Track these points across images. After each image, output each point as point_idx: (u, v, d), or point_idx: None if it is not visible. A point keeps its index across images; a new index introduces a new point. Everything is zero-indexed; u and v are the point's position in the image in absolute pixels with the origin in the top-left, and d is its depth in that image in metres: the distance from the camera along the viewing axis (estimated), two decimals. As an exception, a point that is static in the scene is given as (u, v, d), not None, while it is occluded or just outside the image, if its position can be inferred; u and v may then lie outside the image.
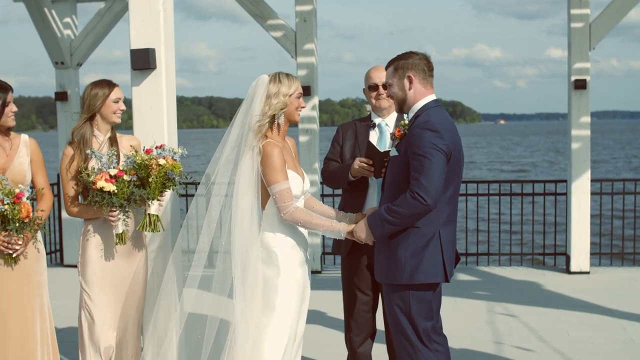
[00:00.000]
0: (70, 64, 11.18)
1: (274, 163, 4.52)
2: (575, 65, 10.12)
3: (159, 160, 4.95)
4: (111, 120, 5.22)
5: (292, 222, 4.58)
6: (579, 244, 10.29)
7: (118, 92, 5.22)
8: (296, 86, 4.68)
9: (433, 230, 4.48)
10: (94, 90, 5.18)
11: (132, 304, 5.27)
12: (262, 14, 10.55)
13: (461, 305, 8.76)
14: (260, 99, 4.62)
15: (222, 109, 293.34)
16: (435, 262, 4.52)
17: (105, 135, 5.24)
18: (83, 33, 11.17)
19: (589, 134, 10.21)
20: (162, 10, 5.47)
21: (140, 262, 5.32)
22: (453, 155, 4.46)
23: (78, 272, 5.23)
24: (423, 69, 4.61)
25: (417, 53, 4.67)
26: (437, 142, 4.36)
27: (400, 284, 4.53)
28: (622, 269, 10.76)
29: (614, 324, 7.84)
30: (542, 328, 7.71)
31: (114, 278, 5.19)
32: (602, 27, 10.01)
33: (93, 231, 5.17)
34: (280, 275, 4.60)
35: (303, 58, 10.47)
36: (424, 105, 4.59)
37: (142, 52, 5.43)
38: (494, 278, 10.30)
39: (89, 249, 5.16)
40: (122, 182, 4.92)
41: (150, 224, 5.07)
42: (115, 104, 5.19)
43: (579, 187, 10.24)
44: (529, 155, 68.40)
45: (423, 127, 4.42)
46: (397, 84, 4.63)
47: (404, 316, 4.59)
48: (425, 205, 4.31)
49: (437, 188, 4.32)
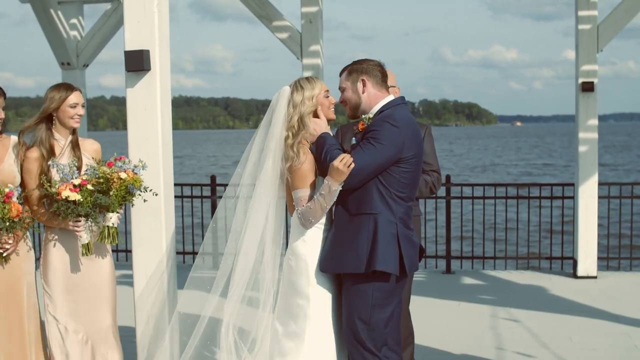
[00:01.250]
0: (77, 65, 11.17)
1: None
2: (583, 67, 10.03)
3: (120, 174, 4.92)
4: (68, 125, 5.15)
5: (306, 218, 4.53)
6: (586, 248, 10.18)
7: (77, 96, 5.16)
8: (320, 86, 4.70)
9: (392, 220, 4.50)
10: (52, 93, 5.14)
11: (99, 309, 5.21)
12: (267, 15, 10.51)
13: (465, 309, 8.69)
14: (284, 111, 4.64)
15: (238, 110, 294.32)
16: (392, 252, 4.48)
17: (67, 139, 5.19)
18: (89, 34, 11.16)
19: (596, 137, 10.11)
20: (157, 11, 5.43)
21: (106, 264, 5.26)
22: (411, 155, 4.50)
23: (40, 275, 5.20)
24: (376, 74, 4.68)
25: (372, 60, 4.73)
26: (393, 137, 4.43)
27: (360, 275, 4.50)
28: (630, 274, 10.66)
29: (618, 330, 7.75)
30: (545, 333, 7.62)
31: (77, 280, 5.15)
32: (610, 29, 9.91)
33: (55, 236, 5.14)
34: (310, 284, 4.59)
35: (309, 59, 10.41)
36: (390, 102, 4.65)
37: (136, 54, 5.39)
38: (499, 282, 10.21)
39: (51, 252, 5.13)
40: (86, 191, 4.89)
41: (109, 235, 5.03)
42: (72, 109, 5.13)
43: (587, 190, 10.13)
44: (546, 157, 68.12)
45: (385, 120, 4.50)
46: (351, 87, 4.69)
47: (362, 323, 4.53)
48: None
49: (360, 170, 4.39)
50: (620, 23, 9.87)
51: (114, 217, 5.03)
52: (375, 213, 4.48)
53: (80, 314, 5.15)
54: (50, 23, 10.77)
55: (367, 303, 4.51)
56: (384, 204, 4.49)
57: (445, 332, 7.71)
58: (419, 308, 5.74)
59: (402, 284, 4.64)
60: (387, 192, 4.49)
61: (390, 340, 4.63)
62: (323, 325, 4.62)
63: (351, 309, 4.56)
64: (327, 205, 4.49)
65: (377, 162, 4.43)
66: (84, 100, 5.27)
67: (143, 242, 5.46)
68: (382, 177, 4.49)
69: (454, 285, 10.03)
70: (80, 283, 5.16)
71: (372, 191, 4.50)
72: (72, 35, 11.14)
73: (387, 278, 4.52)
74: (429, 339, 7.24)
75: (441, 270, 10.90)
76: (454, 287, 9.90)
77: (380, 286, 4.52)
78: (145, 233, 5.45)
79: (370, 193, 4.50)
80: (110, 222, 5.03)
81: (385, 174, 4.48)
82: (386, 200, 4.49)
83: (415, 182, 4.67)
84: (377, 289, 4.52)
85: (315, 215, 4.51)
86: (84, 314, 5.16)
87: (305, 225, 4.55)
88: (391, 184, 4.50)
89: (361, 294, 4.52)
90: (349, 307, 4.58)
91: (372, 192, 4.50)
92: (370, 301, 4.51)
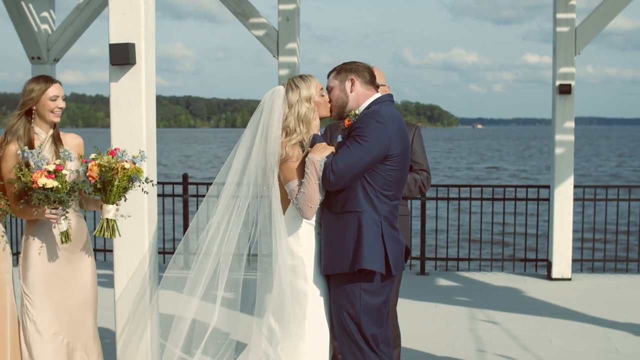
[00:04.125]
0: (47, 59, 10.93)
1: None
2: (560, 69, 10.04)
3: (124, 164, 4.75)
4: (48, 119, 4.99)
5: (304, 205, 4.46)
6: (561, 250, 10.20)
7: (56, 89, 5.00)
8: (315, 85, 4.66)
9: (377, 219, 4.49)
10: (30, 86, 4.97)
11: (80, 309, 5.06)
12: (244, 12, 10.39)
13: (442, 311, 8.65)
14: (279, 111, 4.58)
15: (199, 109, 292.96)
16: (377, 251, 4.47)
17: (47, 133, 5.02)
18: (60, 28, 10.92)
19: (572, 139, 10.13)
20: (143, 4, 5.27)
21: (87, 266, 5.12)
22: (397, 152, 4.49)
23: (19, 275, 5.02)
24: (365, 74, 4.70)
25: (361, 62, 4.76)
26: (379, 134, 4.43)
27: (346, 274, 4.48)
28: (604, 276, 10.69)
29: (598, 332, 7.75)
30: (524, 336, 7.60)
31: (58, 282, 4.97)
32: (588, 32, 9.94)
33: (34, 235, 4.96)
34: (308, 282, 4.57)
35: (285, 57, 10.31)
36: (376, 99, 4.65)
37: (121, 47, 5.23)
38: (474, 284, 10.18)
39: (31, 253, 4.95)
40: (61, 176, 4.70)
41: (108, 228, 4.86)
42: (53, 102, 4.96)
43: (562, 192, 10.16)
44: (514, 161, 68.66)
45: (370, 117, 4.49)
46: (339, 86, 4.70)
47: (352, 322, 4.53)
48: (329, 181, 4.40)
49: (348, 170, 4.38)
50: (598, 26, 9.90)
51: (112, 209, 4.84)
52: (360, 211, 4.46)
53: (61, 315, 4.98)
54: (21, 16, 10.54)
55: (355, 302, 4.50)
56: (368, 202, 4.47)
57: (425, 334, 7.65)
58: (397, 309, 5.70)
59: (388, 283, 4.61)
60: (372, 190, 4.47)
61: (380, 338, 4.61)
62: (321, 323, 4.60)
63: (340, 308, 4.55)
64: (317, 182, 4.43)
65: (365, 161, 4.41)
66: (64, 93, 5.10)
67: (125, 242, 5.30)
68: (368, 174, 4.46)
69: (429, 287, 9.98)
70: (62, 284, 4.99)
71: (358, 189, 4.47)
72: (42, 29, 10.91)
73: (372, 277, 4.50)
74: (410, 341, 7.16)
75: (415, 272, 10.86)
76: (429, 289, 9.85)
77: (366, 285, 4.51)
78: (128, 232, 5.29)
79: (355, 191, 4.47)
80: (110, 215, 4.84)
81: (371, 172, 4.46)
82: (371, 198, 4.47)
83: (402, 181, 4.63)
84: (363, 288, 4.50)
85: (312, 198, 4.44)
86: (64, 316, 5.00)
87: (306, 213, 4.48)
88: (377, 182, 4.48)
89: (348, 293, 4.51)
90: (337, 306, 4.56)
91: (357, 190, 4.47)
92: (358, 300, 4.50)
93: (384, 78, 5.44)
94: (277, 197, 4.56)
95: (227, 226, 4.72)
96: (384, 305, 4.61)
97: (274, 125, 4.57)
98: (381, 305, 4.58)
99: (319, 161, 4.42)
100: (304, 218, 4.52)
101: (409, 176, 5.40)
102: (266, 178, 4.60)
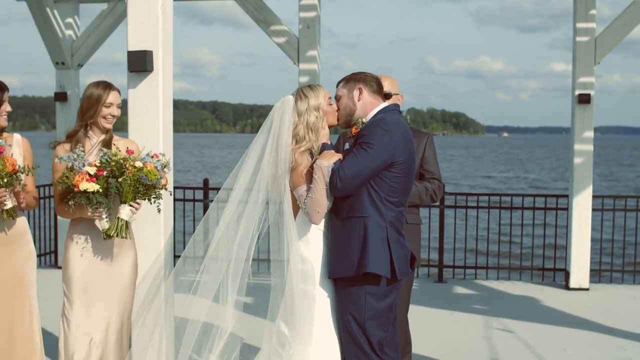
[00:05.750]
0: (71, 64, 11.11)
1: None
2: (580, 79, 10.03)
3: (136, 163, 4.79)
4: (100, 124, 5.06)
5: (312, 210, 4.55)
6: (579, 260, 10.17)
7: (113, 96, 5.06)
8: (323, 94, 4.77)
9: (382, 224, 4.56)
10: (90, 90, 5.05)
11: (116, 310, 5.12)
12: (265, 20, 10.48)
13: (457, 319, 8.66)
14: (289, 120, 4.69)
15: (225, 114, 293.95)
16: (382, 255, 4.54)
17: (99, 137, 5.09)
18: (85, 34, 11.11)
19: (591, 149, 10.11)
20: (161, 12, 5.38)
21: (126, 267, 5.15)
22: (403, 160, 4.58)
23: (62, 274, 5.13)
24: (372, 84, 4.79)
25: (369, 73, 4.87)
26: (384, 141, 4.52)
27: (352, 278, 4.55)
28: (622, 287, 10.64)
29: (612, 342, 7.73)
30: (539, 345, 7.60)
31: (96, 283, 5.04)
32: (608, 41, 9.92)
33: (77, 234, 5.03)
34: (316, 286, 4.66)
35: (305, 65, 10.39)
36: (383, 108, 4.75)
37: (139, 54, 5.34)
38: (491, 292, 10.19)
39: (71, 253, 5.03)
40: (102, 179, 4.78)
41: (117, 227, 4.87)
42: (107, 109, 5.04)
43: (580, 202, 10.13)
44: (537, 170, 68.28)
45: (377, 125, 4.59)
46: (347, 95, 4.80)
47: (357, 325, 4.59)
48: (336, 187, 4.49)
49: (354, 177, 4.47)
50: (618, 36, 9.89)
51: (126, 209, 4.86)
52: (365, 216, 4.55)
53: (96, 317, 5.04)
54: (46, 22, 10.73)
55: (360, 305, 4.56)
56: (374, 207, 4.56)
57: (440, 342, 7.68)
58: (412, 317, 5.73)
59: (394, 288, 4.67)
60: (377, 196, 4.56)
61: (386, 342, 4.66)
62: (329, 328, 4.67)
63: (345, 312, 4.61)
64: (324, 187, 4.52)
65: (371, 168, 4.50)
66: (120, 101, 5.14)
67: (141, 246, 5.38)
68: (374, 181, 4.56)
69: (447, 295, 10.00)
70: (101, 286, 5.05)
71: (363, 195, 4.56)
72: (67, 35, 11.08)
73: (377, 281, 4.57)
74: (424, 349, 7.20)
75: (433, 279, 10.88)
76: (446, 296, 9.87)
77: (372, 289, 4.57)
78: (144, 236, 5.38)
79: (361, 197, 4.56)
80: (123, 215, 4.86)
81: (376, 178, 4.55)
82: (376, 204, 4.56)
83: (407, 187, 4.71)
84: (369, 291, 4.57)
85: (319, 203, 4.54)
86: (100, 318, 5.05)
87: (314, 218, 4.57)
88: (382, 188, 4.56)
89: (354, 297, 4.58)
90: (342, 310, 4.62)
91: (363, 196, 4.56)
92: (364, 304, 4.56)
93: (397, 86, 5.49)
94: (288, 202, 4.64)
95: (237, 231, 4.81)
96: (389, 310, 4.66)
97: (284, 133, 4.68)
98: (386, 309, 4.63)
99: (327, 167, 4.51)
100: (312, 223, 4.60)
101: (420, 185, 5.46)
102: (277, 185, 4.69)
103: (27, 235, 5.13)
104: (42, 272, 5.20)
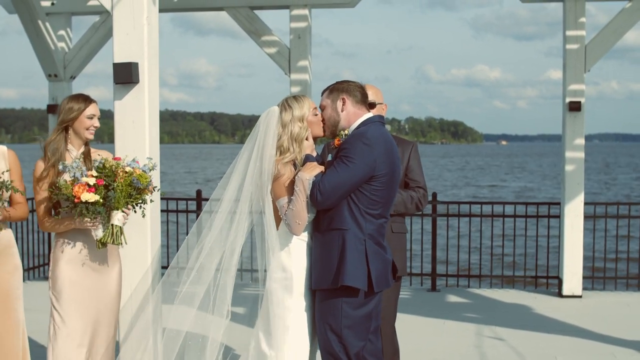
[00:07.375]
0: (64, 76, 11.13)
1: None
2: (570, 87, 10.07)
3: (126, 168, 4.85)
4: (83, 137, 5.13)
5: (292, 222, 4.58)
6: (572, 267, 10.18)
7: (94, 108, 5.13)
8: (307, 105, 4.79)
9: (360, 237, 4.58)
10: (70, 104, 5.10)
11: (104, 320, 5.14)
12: (256, 31, 10.51)
13: (449, 327, 8.66)
14: (274, 131, 4.72)
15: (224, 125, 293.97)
16: (360, 268, 4.56)
17: (79, 150, 5.15)
18: (77, 46, 11.13)
19: (583, 157, 10.14)
20: (146, 24, 5.42)
21: (113, 277, 5.19)
22: (384, 173, 4.59)
23: (49, 286, 5.13)
24: (356, 94, 4.79)
25: (353, 81, 4.87)
26: (364, 155, 4.53)
27: (330, 290, 4.57)
28: (615, 293, 10.65)
29: (604, 349, 7.73)
30: (529, 352, 7.60)
31: (85, 294, 5.06)
32: (597, 49, 9.95)
33: (64, 245, 5.05)
34: (293, 296, 4.67)
35: (297, 75, 10.42)
36: (366, 120, 4.75)
37: (125, 66, 5.37)
38: (484, 300, 10.19)
39: (60, 264, 5.04)
40: (101, 189, 4.81)
41: (113, 234, 4.89)
42: (89, 120, 5.10)
43: (572, 209, 10.14)
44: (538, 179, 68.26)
45: (357, 138, 4.59)
46: (331, 105, 4.81)
47: (334, 334, 4.61)
48: (316, 200, 4.51)
49: (334, 191, 4.49)
50: (608, 43, 9.92)
51: (119, 215, 4.89)
52: (344, 229, 4.57)
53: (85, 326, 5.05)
54: (38, 34, 10.73)
55: (338, 317, 4.58)
56: (353, 220, 4.58)
57: (431, 350, 7.68)
58: (404, 325, 5.72)
59: (373, 299, 4.68)
60: (357, 209, 4.58)
61: (366, 351, 4.67)
62: (301, 336, 4.68)
63: (323, 323, 4.63)
64: (305, 199, 4.54)
65: (351, 182, 4.53)
66: (99, 114, 5.23)
67: (126, 256, 5.38)
68: (354, 194, 4.58)
69: (439, 303, 10.00)
70: (88, 295, 5.07)
71: (343, 208, 4.58)
72: (59, 47, 11.10)
73: (355, 293, 4.59)
74: (415, 357, 7.20)
75: (426, 288, 10.88)
76: (439, 305, 9.87)
77: (349, 300, 4.59)
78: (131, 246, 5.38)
79: (341, 210, 4.59)
80: (116, 221, 4.89)
81: (357, 191, 4.57)
82: (355, 216, 4.58)
83: (389, 199, 4.73)
84: (345, 300, 4.58)
85: (299, 215, 4.56)
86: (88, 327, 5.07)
87: (294, 229, 4.60)
88: (362, 201, 4.58)
89: (330, 306, 4.60)
90: (321, 321, 4.65)
91: (343, 209, 4.58)
92: (340, 315, 4.58)
93: (381, 96, 5.51)
94: (270, 213, 4.66)
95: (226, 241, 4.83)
96: (367, 319, 4.66)
97: (269, 144, 4.70)
98: (363, 318, 4.64)
99: (308, 180, 4.53)
100: (292, 234, 4.62)
101: (405, 193, 5.47)
102: (261, 194, 4.71)
103: (13, 248, 5.14)
104: (32, 284, 5.19)
